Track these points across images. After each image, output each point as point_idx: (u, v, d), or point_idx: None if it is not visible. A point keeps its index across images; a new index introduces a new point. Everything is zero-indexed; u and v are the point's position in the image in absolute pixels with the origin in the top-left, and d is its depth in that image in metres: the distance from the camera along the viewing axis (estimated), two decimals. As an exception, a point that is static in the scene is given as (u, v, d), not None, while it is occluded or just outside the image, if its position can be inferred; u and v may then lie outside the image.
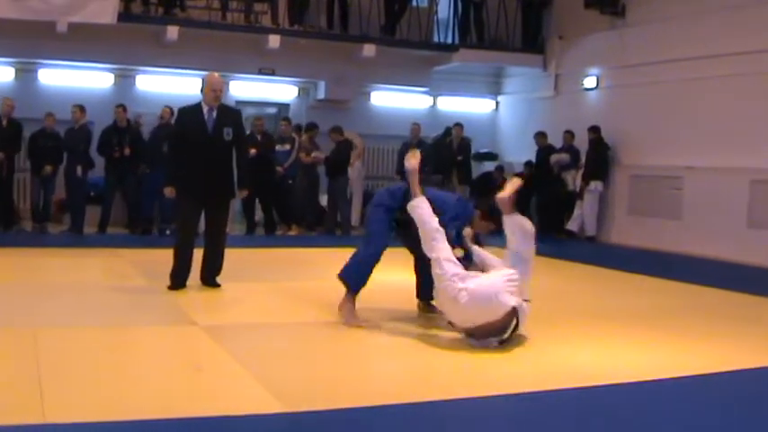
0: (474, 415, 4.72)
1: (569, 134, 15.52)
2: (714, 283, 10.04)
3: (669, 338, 6.93)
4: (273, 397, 4.84)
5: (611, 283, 10.47)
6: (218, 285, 8.64)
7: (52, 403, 4.55)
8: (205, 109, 8.41)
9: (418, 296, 7.58)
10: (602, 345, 6.66)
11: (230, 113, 8.70)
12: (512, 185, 6.74)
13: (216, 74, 8.66)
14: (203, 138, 8.35)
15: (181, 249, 8.46)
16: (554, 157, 15.73)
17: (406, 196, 6.92)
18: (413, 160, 6.89)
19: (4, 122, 13.13)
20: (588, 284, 10.35)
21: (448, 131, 16.24)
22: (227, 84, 16.29)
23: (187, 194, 8.45)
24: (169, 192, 8.59)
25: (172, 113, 13.44)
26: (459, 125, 16.11)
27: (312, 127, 15.18)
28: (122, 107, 13.79)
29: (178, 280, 8.44)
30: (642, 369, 5.80)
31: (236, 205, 13.85)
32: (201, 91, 8.50)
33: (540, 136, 16.18)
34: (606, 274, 11.10)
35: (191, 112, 8.50)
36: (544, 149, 16.09)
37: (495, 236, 7.16)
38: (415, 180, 6.78)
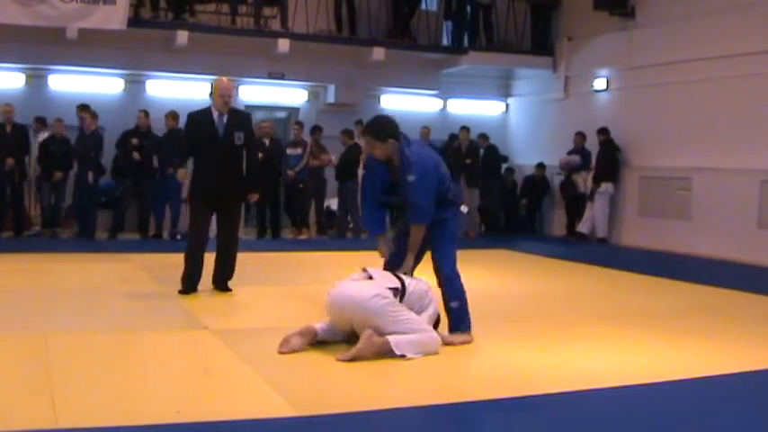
0: (482, 418, 4.72)
1: (580, 136, 15.51)
2: (725, 283, 10.02)
3: (679, 340, 6.91)
4: (285, 401, 4.84)
5: (621, 284, 10.44)
6: (230, 290, 8.69)
7: (64, 408, 4.56)
8: (215, 114, 8.44)
9: None
10: (613, 346, 6.65)
11: (240, 118, 8.70)
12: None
13: (225, 79, 8.63)
14: (214, 142, 8.39)
15: (192, 253, 8.49)
16: (564, 159, 15.74)
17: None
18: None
19: (8, 128, 13.18)
20: (599, 286, 10.33)
21: (453, 137, 16.30)
22: (237, 88, 16.38)
23: (199, 199, 8.50)
24: (182, 174, 8.82)
25: (179, 117, 13.55)
26: (465, 129, 16.10)
27: (317, 130, 15.20)
28: (144, 112, 13.95)
29: (190, 284, 8.48)
30: (653, 370, 5.79)
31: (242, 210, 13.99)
32: (211, 96, 8.50)
33: (482, 137, 16.35)
34: (617, 276, 11.08)
35: (201, 117, 8.51)
36: (487, 150, 16.27)
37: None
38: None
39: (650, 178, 14.53)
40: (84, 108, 13.81)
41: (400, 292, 6.11)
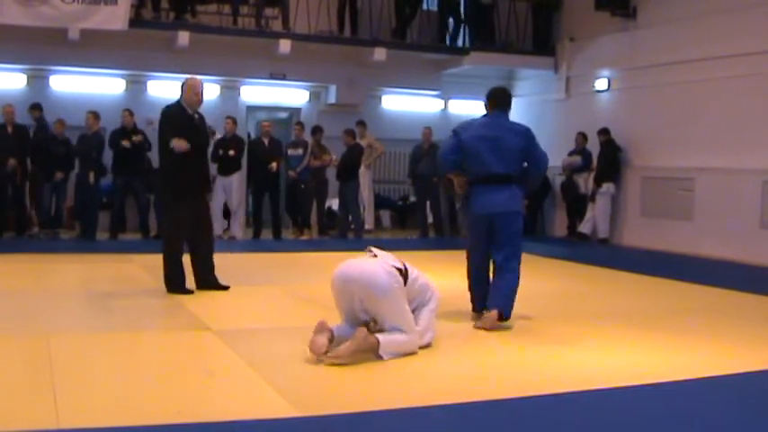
0: (483, 419, 4.71)
1: (582, 136, 15.50)
2: (727, 284, 10.00)
3: (681, 340, 6.91)
4: (287, 401, 4.84)
5: (623, 285, 10.43)
6: (228, 287, 8.78)
7: (66, 408, 4.56)
8: (190, 111, 8.63)
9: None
10: (614, 347, 6.64)
11: (203, 118, 8.98)
12: None
13: (198, 78, 8.88)
14: (196, 140, 8.58)
15: (178, 253, 8.59)
16: (566, 160, 15.73)
17: None
18: None
19: (10, 129, 13.18)
20: (600, 287, 10.32)
21: None
22: (239, 89, 16.41)
23: (183, 196, 8.53)
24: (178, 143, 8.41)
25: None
26: None
27: (317, 130, 15.21)
28: (128, 111, 13.97)
29: (181, 284, 8.57)
30: (654, 371, 5.77)
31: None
32: (182, 94, 8.62)
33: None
34: (618, 276, 11.07)
35: (179, 113, 8.60)
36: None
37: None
38: None
39: (652, 178, 14.52)
40: (35, 107, 13.80)
41: (403, 275, 6.07)
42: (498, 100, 7.55)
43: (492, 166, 7.21)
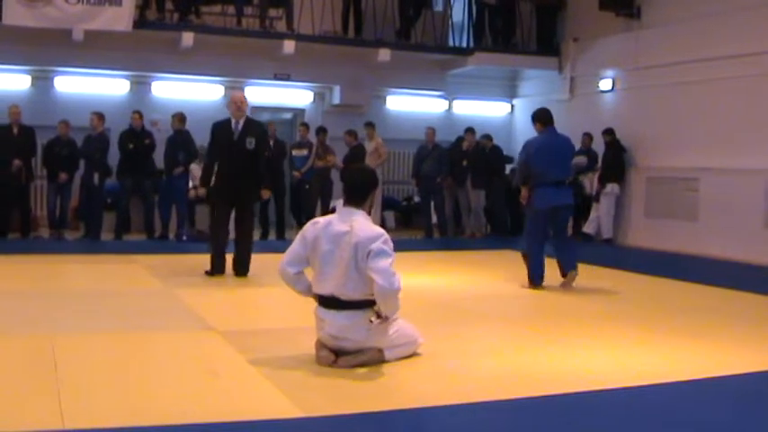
0: (485, 419, 4.71)
1: (587, 137, 15.47)
2: (731, 284, 10.00)
3: (682, 340, 6.90)
4: (291, 402, 4.84)
5: (626, 285, 10.40)
6: (247, 272, 9.75)
7: (71, 409, 4.57)
8: (233, 121, 9.75)
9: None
10: (614, 347, 6.64)
11: (253, 125, 9.93)
12: None
13: (238, 91, 10.22)
14: (229, 144, 9.67)
15: (216, 249, 9.77)
16: (573, 161, 15.69)
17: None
18: None
19: (15, 130, 13.20)
20: (603, 287, 10.30)
21: (460, 139, 16.24)
22: (243, 90, 16.39)
23: (217, 196, 9.83)
24: (196, 192, 10.65)
25: (186, 119, 13.88)
26: (470, 130, 16.05)
27: (322, 131, 15.20)
28: (138, 113, 14.00)
29: (217, 270, 9.72)
30: (654, 371, 5.77)
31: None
32: (227, 107, 10.08)
33: (485, 138, 16.18)
34: (622, 277, 11.05)
35: (222, 125, 9.88)
36: (491, 151, 16.08)
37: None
38: None
39: (657, 179, 14.51)
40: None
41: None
42: (548, 118, 9.66)
43: (552, 174, 9.45)
